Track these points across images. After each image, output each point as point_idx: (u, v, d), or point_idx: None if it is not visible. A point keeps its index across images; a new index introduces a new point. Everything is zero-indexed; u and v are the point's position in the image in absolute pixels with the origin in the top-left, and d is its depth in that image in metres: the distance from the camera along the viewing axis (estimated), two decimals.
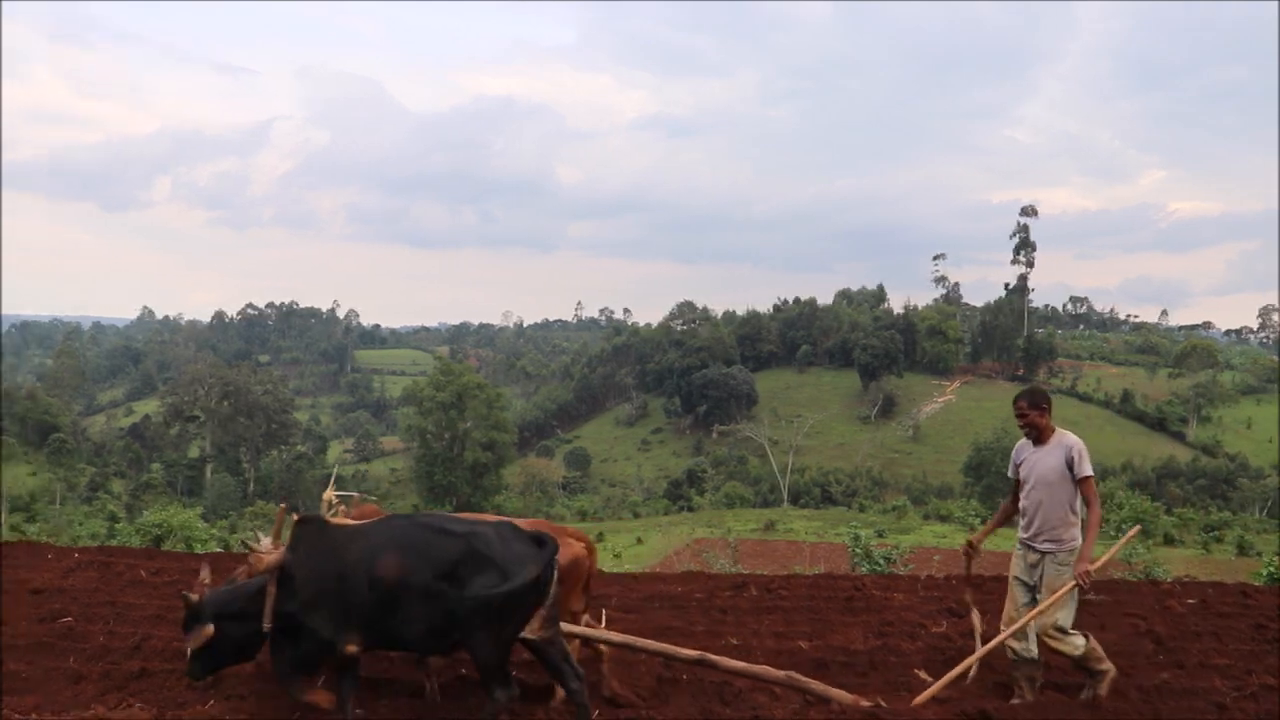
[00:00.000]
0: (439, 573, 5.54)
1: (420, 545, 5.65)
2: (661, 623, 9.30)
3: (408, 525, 5.87)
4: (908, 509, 66.52)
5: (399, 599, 5.58)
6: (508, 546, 5.63)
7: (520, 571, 5.49)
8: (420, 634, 5.65)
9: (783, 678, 6.57)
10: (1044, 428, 7.10)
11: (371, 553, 5.67)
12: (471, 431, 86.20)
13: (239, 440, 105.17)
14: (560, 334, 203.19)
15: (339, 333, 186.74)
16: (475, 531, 5.70)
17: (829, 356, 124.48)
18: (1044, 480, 6.98)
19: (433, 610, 5.55)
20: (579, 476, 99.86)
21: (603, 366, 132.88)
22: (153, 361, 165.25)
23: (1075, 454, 6.89)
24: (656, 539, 53.36)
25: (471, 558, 5.54)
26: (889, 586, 11.61)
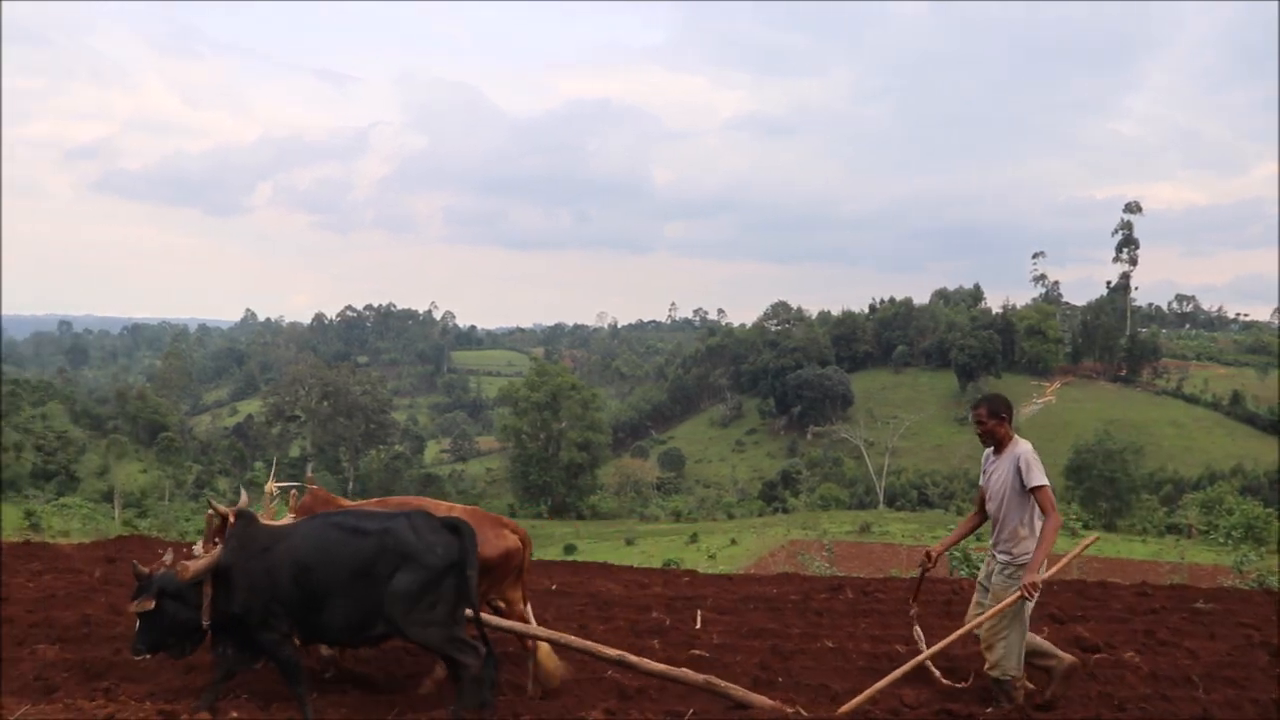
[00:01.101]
0: (356, 571, 5.78)
1: (334, 545, 5.87)
2: (757, 624, 9.27)
3: (325, 526, 6.04)
4: None
5: (321, 597, 5.82)
6: (421, 537, 5.81)
7: (434, 561, 5.73)
8: (344, 628, 5.90)
9: (702, 682, 6.48)
10: (1003, 436, 6.93)
11: (293, 552, 5.89)
12: (566, 432, 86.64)
13: (338, 440, 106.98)
14: (654, 334, 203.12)
15: (436, 334, 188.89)
16: (388, 528, 5.86)
17: (925, 357, 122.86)
18: (999, 491, 6.88)
19: (354, 606, 5.81)
20: (673, 477, 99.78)
21: (697, 367, 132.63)
22: (256, 363, 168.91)
23: (1023, 463, 6.72)
24: (751, 540, 53.11)
25: (386, 553, 5.76)
26: None
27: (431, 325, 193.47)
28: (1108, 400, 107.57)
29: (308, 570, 5.84)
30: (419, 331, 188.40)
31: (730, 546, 50.96)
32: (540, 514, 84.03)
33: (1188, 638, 8.93)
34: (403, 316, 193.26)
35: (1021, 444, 6.83)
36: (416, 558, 5.75)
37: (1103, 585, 12.11)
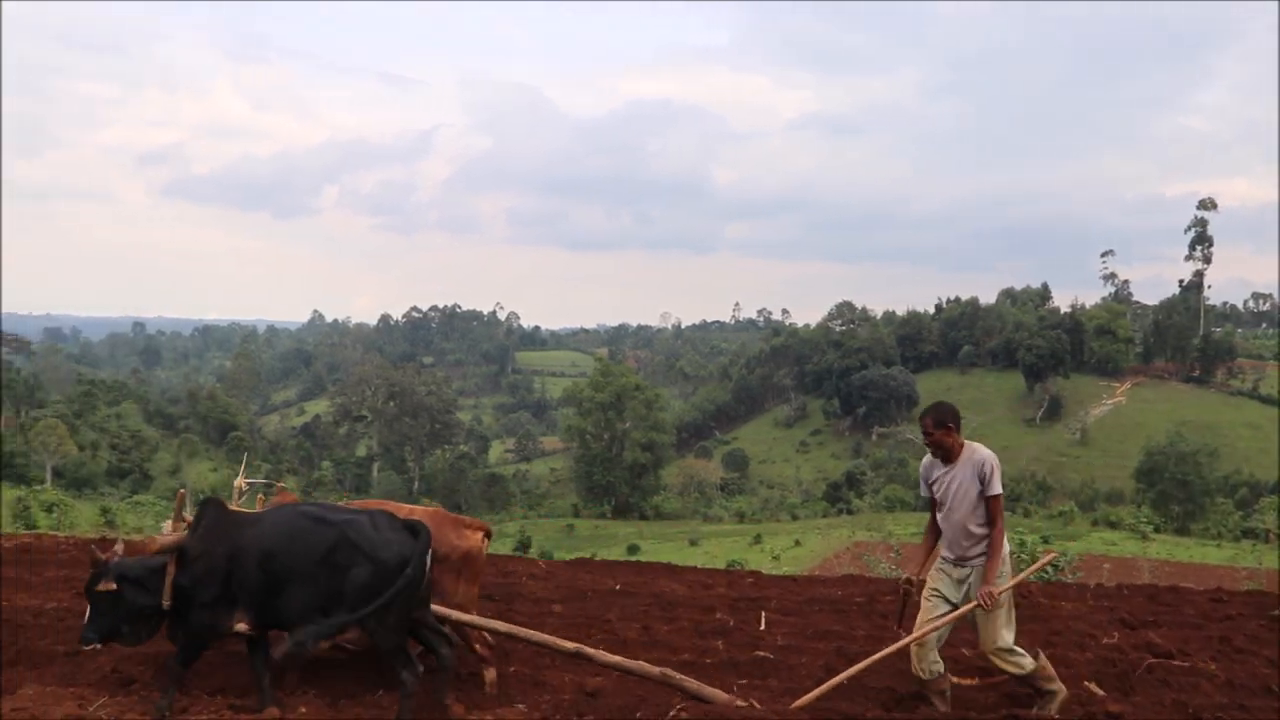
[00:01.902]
0: (315, 559, 5.85)
1: (300, 533, 5.96)
2: (822, 626, 9.21)
3: (292, 513, 6.14)
4: (1075, 515, 64.58)
5: (282, 582, 5.89)
6: (380, 534, 5.89)
7: (389, 558, 5.79)
8: (301, 615, 5.90)
9: (658, 674, 6.43)
10: (951, 446, 6.78)
11: (259, 538, 5.99)
12: (630, 432, 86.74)
13: (404, 439, 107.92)
14: (718, 335, 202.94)
15: (500, 334, 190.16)
16: (350, 520, 5.96)
17: (992, 357, 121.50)
18: (960, 500, 6.72)
19: (311, 593, 5.86)
20: (737, 478, 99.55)
21: (761, 367, 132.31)
22: (323, 363, 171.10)
23: (988, 470, 6.62)
24: (815, 541, 52.87)
25: (344, 545, 5.84)
26: (1056, 595, 11.26)
27: (496, 326, 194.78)
28: (1180, 401, 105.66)
29: (273, 556, 5.92)
30: (483, 332, 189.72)
31: (794, 548, 50.77)
32: (604, 514, 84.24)
33: (1265, 646, 8.72)
34: (467, 317, 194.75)
35: (981, 450, 6.76)
36: (372, 552, 5.82)
37: (1175, 590, 11.88)
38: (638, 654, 7.87)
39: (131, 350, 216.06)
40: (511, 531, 68.63)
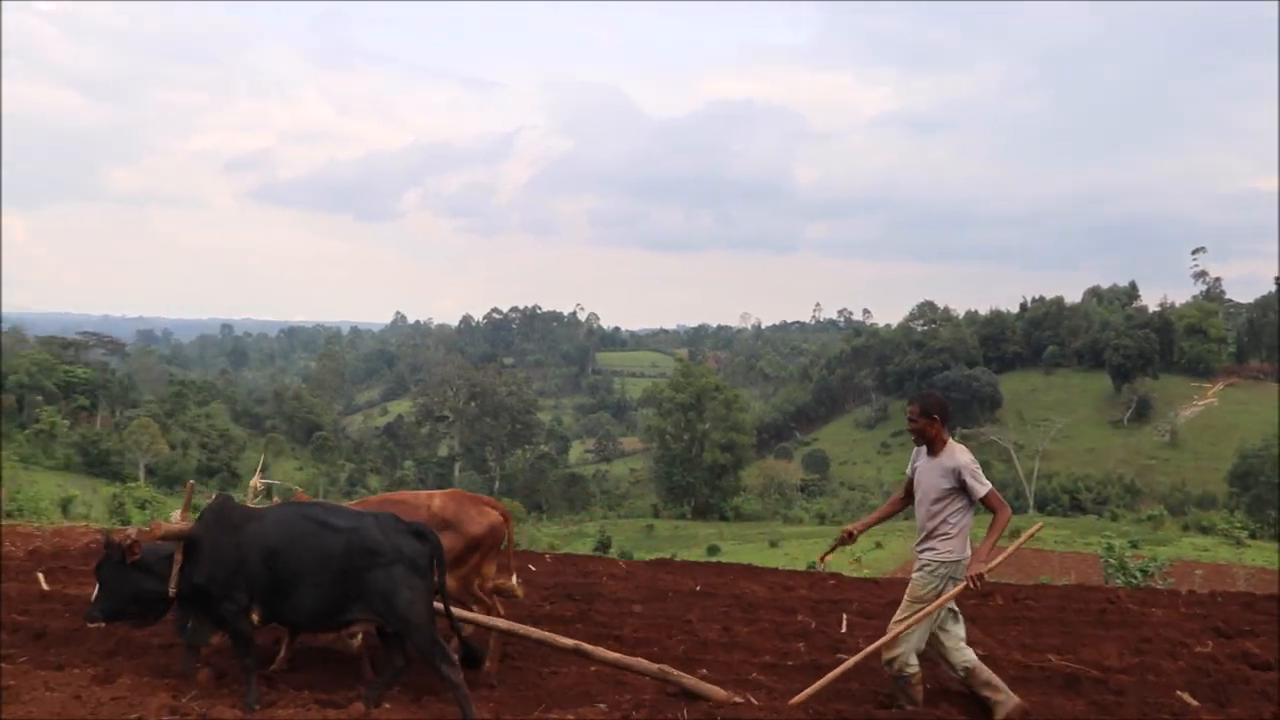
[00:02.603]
0: (323, 562, 5.97)
1: (304, 535, 6.07)
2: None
3: (294, 514, 6.25)
4: (1165, 519, 63.26)
5: (287, 581, 6.02)
6: (389, 539, 5.99)
7: (399, 561, 5.93)
8: (309, 615, 6.11)
9: (656, 671, 6.54)
10: (935, 437, 6.87)
11: (263, 534, 6.10)
12: (710, 433, 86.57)
13: (485, 439, 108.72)
14: (798, 335, 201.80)
15: (580, 335, 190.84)
16: (358, 527, 6.05)
17: (1078, 357, 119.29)
18: (927, 494, 6.82)
19: (319, 595, 5.99)
20: (817, 479, 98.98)
21: (842, 368, 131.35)
22: (405, 364, 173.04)
23: (967, 476, 6.66)
24: (897, 544, 52.38)
25: (354, 551, 5.94)
26: (1146, 601, 11.03)
27: (576, 327, 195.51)
28: (1276, 402, 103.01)
29: (276, 554, 6.03)
30: (564, 333, 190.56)
31: (875, 550, 50.41)
32: (683, 515, 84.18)
33: None
34: (548, 318, 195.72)
35: (959, 452, 6.82)
36: (384, 555, 5.94)
37: (1273, 599, 11.57)
38: (719, 655, 7.88)
39: (220, 351, 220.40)
40: (591, 531, 68.89)
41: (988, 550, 6.61)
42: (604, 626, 8.79)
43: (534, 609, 9.54)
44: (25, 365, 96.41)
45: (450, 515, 7.05)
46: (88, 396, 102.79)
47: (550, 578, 11.32)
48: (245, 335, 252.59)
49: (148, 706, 5.73)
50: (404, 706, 6.16)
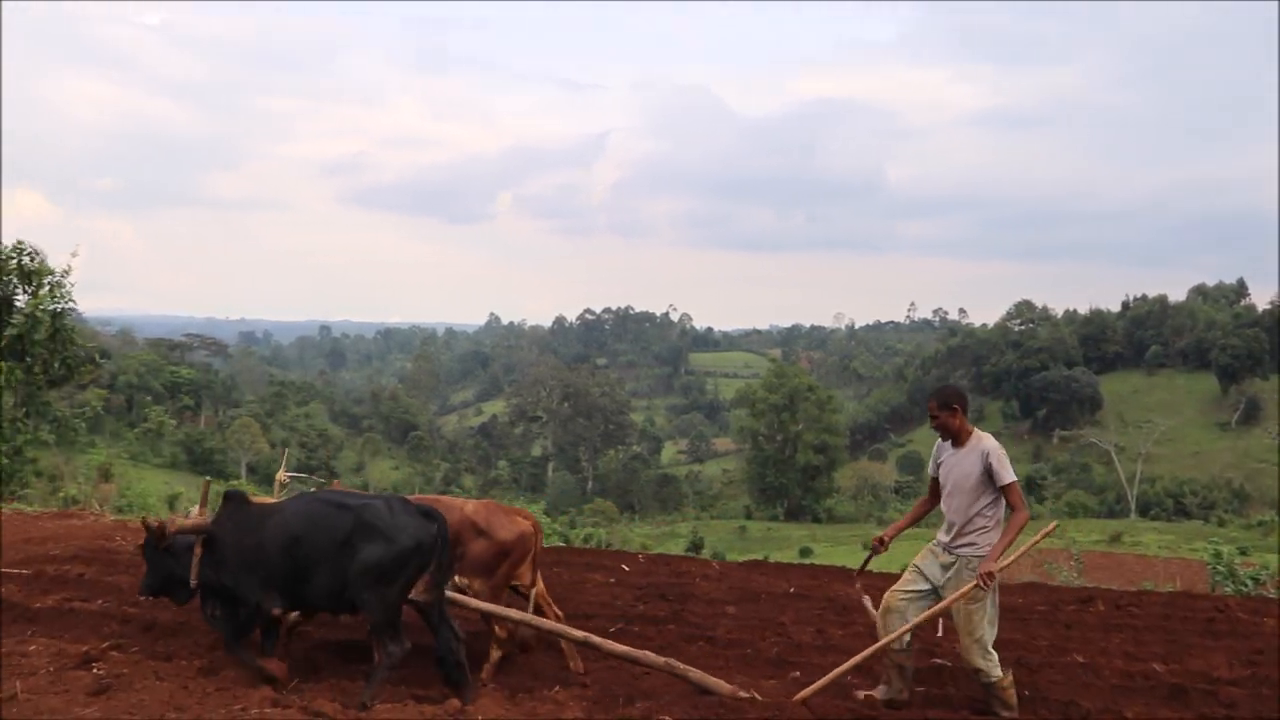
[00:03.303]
0: (336, 541, 6.18)
1: (321, 518, 6.30)
2: (1002, 635, 8.93)
3: (312, 501, 6.52)
4: (1276, 525, 61.39)
5: (307, 566, 6.25)
6: (395, 518, 6.20)
7: (402, 539, 6.11)
8: (325, 596, 6.33)
9: (663, 664, 6.61)
10: (958, 429, 6.75)
11: (283, 525, 6.34)
12: (803, 434, 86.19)
13: (578, 440, 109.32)
14: (893, 335, 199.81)
15: (673, 336, 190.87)
16: (367, 505, 6.30)
17: (1182, 357, 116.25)
18: (960, 486, 6.69)
19: (333, 575, 6.21)
20: (912, 481, 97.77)
21: (937, 368, 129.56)
22: (499, 364, 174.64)
23: (993, 460, 6.55)
24: None
25: (362, 528, 6.15)
26: (1258, 610, 10.67)
27: (669, 327, 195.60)
28: None
29: (297, 541, 6.26)
30: (656, 333, 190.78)
31: None
32: (776, 516, 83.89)
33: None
34: (640, 319, 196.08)
35: (987, 439, 6.70)
36: (387, 535, 6.11)
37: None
38: (812, 658, 7.83)
39: (319, 352, 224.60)
40: (684, 532, 68.97)
41: (1001, 548, 6.53)
42: (696, 627, 8.79)
43: (627, 609, 9.57)
44: (134, 366, 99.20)
45: (482, 522, 7.20)
46: (192, 396, 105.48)
47: (643, 578, 11.34)
48: (343, 337, 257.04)
49: (250, 699, 5.87)
50: (499, 703, 6.21)
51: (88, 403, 26.34)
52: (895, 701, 6.75)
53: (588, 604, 9.66)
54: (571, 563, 12.23)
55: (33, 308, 19.33)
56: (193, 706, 5.73)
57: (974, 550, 6.66)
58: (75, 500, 19.00)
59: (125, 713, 5.58)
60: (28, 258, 19.81)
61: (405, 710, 5.89)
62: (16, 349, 19.41)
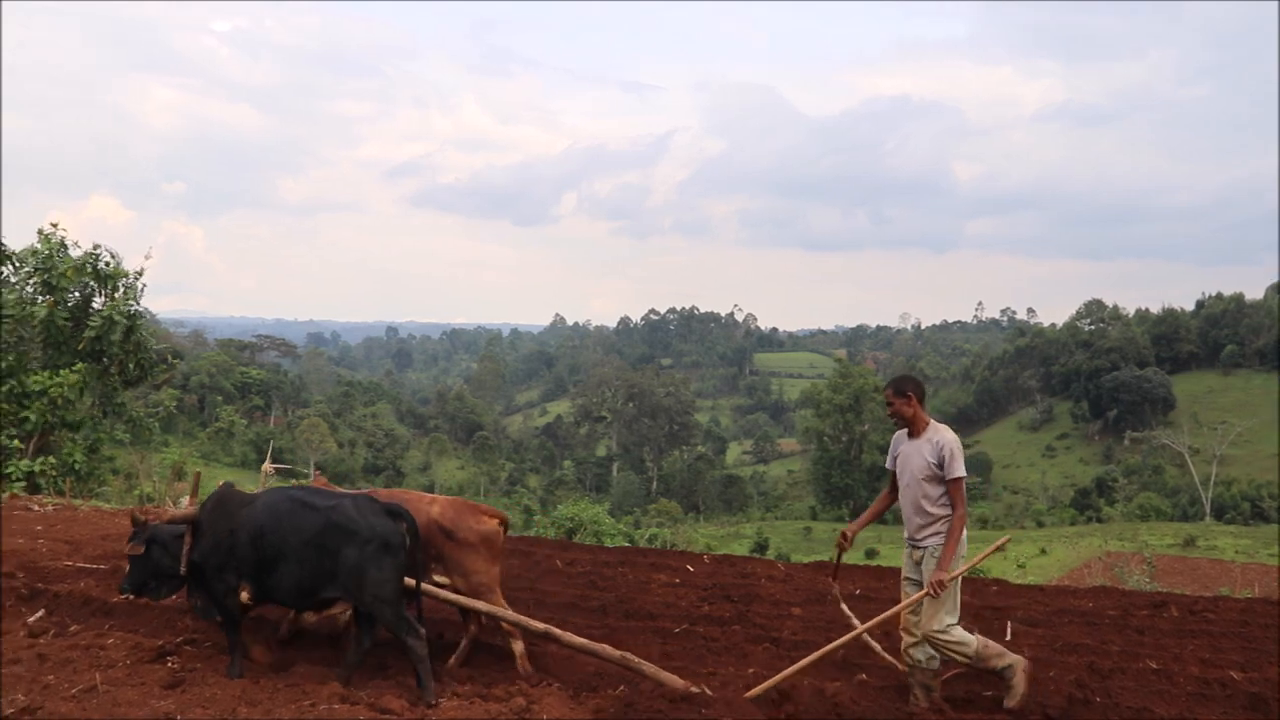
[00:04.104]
0: (302, 540, 6.29)
1: (287, 514, 6.40)
2: (1072, 639, 8.86)
3: (283, 498, 6.57)
4: None
5: (273, 560, 6.35)
6: (364, 518, 6.27)
7: (371, 539, 6.20)
8: (292, 591, 6.43)
9: (618, 658, 6.63)
10: (913, 418, 6.67)
11: (252, 516, 6.46)
12: (869, 434, 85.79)
13: (643, 440, 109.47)
14: (960, 335, 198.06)
15: (738, 336, 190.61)
16: (336, 505, 6.35)
17: (1259, 357, 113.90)
18: (915, 477, 6.60)
19: (300, 572, 6.31)
20: (979, 483, 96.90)
21: (1005, 369, 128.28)
22: (564, 365, 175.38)
23: (946, 452, 6.47)
24: (1062, 550, 50.94)
25: (331, 529, 6.25)
26: None
27: (734, 327, 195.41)
28: None
29: (263, 534, 6.36)
30: (721, 334, 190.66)
31: (1040, 556, 49.14)
32: (841, 517, 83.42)
33: None
34: (705, 319, 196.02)
35: (943, 431, 6.61)
36: (359, 534, 6.21)
37: None
38: (878, 660, 7.77)
39: (386, 353, 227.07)
40: (748, 533, 68.81)
41: (949, 555, 6.41)
42: (762, 629, 8.77)
43: (692, 610, 9.57)
44: (206, 367, 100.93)
45: (448, 521, 7.28)
46: (262, 396, 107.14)
47: (708, 579, 11.33)
48: (410, 337, 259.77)
49: (319, 695, 5.94)
50: (564, 702, 6.24)
51: (161, 403, 26.76)
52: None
53: (652, 604, 9.68)
54: (636, 563, 12.25)
55: (109, 310, 19.71)
56: (263, 701, 5.82)
57: (938, 540, 6.58)
58: (150, 498, 19.39)
59: (198, 706, 5.68)
60: (104, 262, 20.22)
61: (471, 708, 5.94)
62: (93, 351, 19.81)
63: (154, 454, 32.39)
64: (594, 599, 9.83)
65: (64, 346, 19.63)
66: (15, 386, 18.74)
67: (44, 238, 19.92)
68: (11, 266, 19.84)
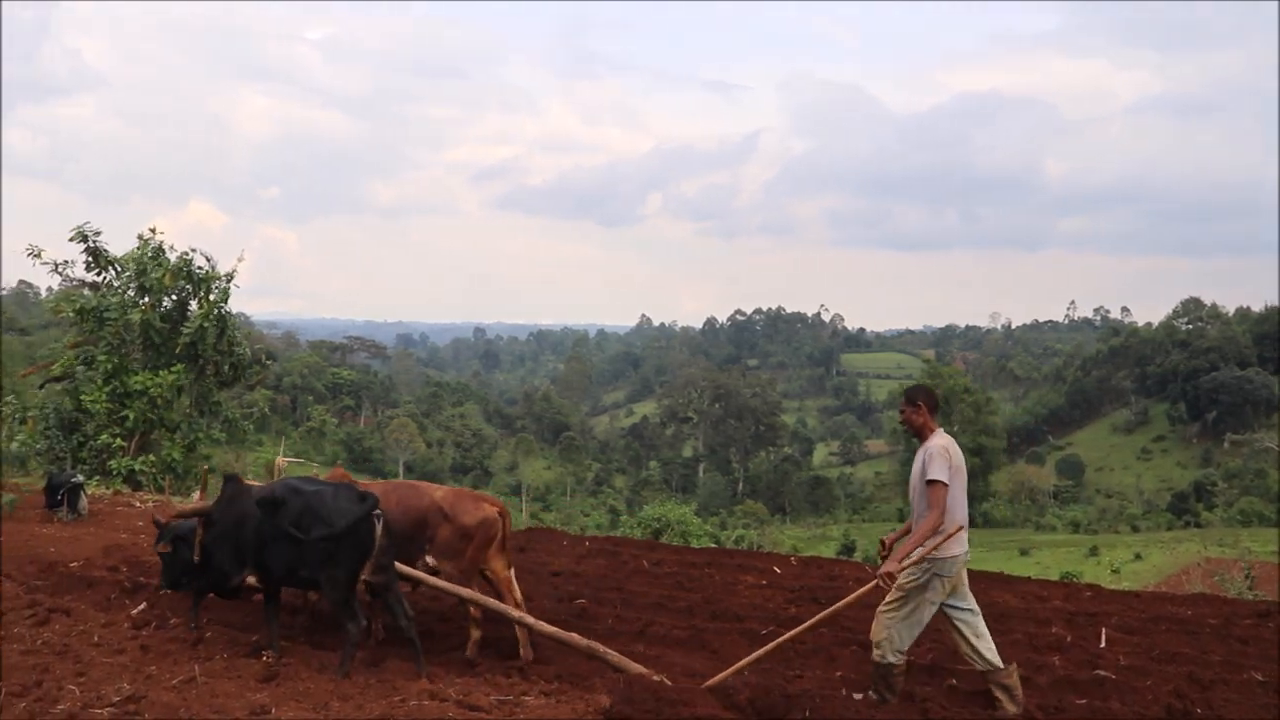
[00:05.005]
0: (288, 522, 6.62)
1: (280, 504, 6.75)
2: (1170, 648, 8.65)
3: (277, 486, 6.96)
4: None
5: (267, 543, 6.77)
6: (336, 503, 6.63)
7: (339, 522, 6.50)
8: (284, 571, 6.84)
9: (585, 646, 6.92)
10: (921, 427, 6.77)
11: (253, 507, 6.87)
12: (958, 436, 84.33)
13: (729, 441, 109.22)
14: (1051, 335, 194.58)
15: (825, 336, 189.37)
16: (316, 491, 6.75)
17: None
18: (914, 482, 6.77)
19: (288, 553, 6.68)
20: (1071, 486, 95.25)
21: (1098, 369, 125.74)
22: (650, 366, 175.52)
23: (927, 456, 6.56)
24: (1158, 556, 49.77)
25: (307, 511, 6.60)
26: None
27: (820, 328, 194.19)
28: None
29: (260, 520, 6.79)
30: (808, 334, 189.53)
31: (1135, 562, 48.08)
32: None
33: None
34: (791, 320, 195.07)
35: (936, 437, 6.68)
36: (326, 518, 6.53)
37: None
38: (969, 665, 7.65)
39: (473, 354, 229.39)
40: (835, 535, 68.31)
41: (906, 550, 6.44)
42: (850, 632, 8.70)
43: (779, 611, 9.54)
44: (298, 368, 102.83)
45: (448, 507, 7.60)
46: (353, 397, 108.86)
47: (795, 580, 11.28)
48: (497, 338, 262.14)
49: (409, 691, 6.04)
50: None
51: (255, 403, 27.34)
52: None
53: (740, 605, 9.66)
54: (723, 564, 12.25)
55: (204, 313, 20.20)
56: (355, 696, 5.93)
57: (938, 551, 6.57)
58: None
59: (292, 700, 5.80)
60: (198, 266, 20.73)
61: (558, 708, 5.98)
62: (190, 352, 20.31)
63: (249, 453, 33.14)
64: (681, 599, 9.85)
65: (162, 348, 20.17)
66: (118, 387, 19.30)
67: (143, 243, 20.48)
68: (114, 271, 20.44)
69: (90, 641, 7.06)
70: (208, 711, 5.55)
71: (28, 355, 49.08)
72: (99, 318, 19.50)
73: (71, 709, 5.53)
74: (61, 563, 9.94)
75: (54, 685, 5.92)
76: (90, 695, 5.76)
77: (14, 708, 5.54)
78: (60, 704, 5.62)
